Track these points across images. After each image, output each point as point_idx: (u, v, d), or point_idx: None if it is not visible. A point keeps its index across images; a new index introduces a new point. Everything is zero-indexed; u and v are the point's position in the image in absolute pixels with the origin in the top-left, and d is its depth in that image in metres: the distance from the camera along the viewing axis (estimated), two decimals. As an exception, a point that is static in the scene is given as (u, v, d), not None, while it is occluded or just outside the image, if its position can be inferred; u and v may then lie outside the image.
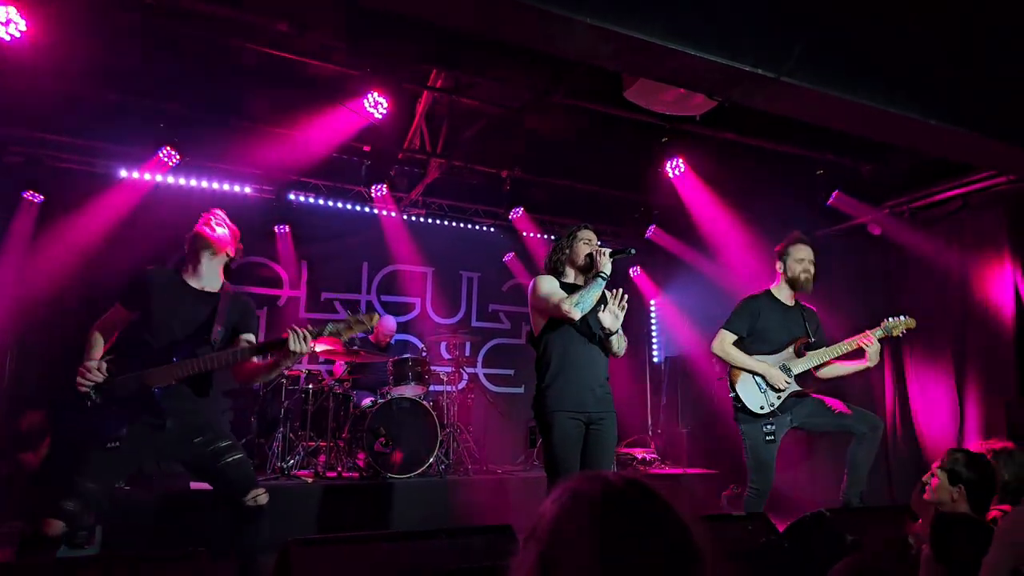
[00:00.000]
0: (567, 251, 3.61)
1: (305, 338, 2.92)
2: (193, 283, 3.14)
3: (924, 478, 2.74)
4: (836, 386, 4.34)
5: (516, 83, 5.24)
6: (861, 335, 3.98)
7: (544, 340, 3.50)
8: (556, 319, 3.41)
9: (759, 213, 6.70)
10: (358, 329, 3.04)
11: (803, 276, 4.05)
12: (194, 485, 5.16)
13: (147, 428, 2.90)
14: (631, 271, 9.20)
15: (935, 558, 2.02)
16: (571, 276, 3.59)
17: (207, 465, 3.03)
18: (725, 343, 4.05)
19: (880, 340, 3.99)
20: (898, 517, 3.12)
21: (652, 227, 8.19)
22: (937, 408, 5.79)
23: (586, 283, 3.44)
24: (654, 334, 9.25)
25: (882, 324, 4.03)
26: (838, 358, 4.05)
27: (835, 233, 6.69)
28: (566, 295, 3.38)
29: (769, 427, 3.93)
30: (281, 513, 5.12)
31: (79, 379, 2.85)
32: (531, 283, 3.57)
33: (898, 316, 4.04)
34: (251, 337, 3.18)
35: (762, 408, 3.94)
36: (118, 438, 2.81)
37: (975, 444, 2.93)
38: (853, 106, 3.29)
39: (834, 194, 6.28)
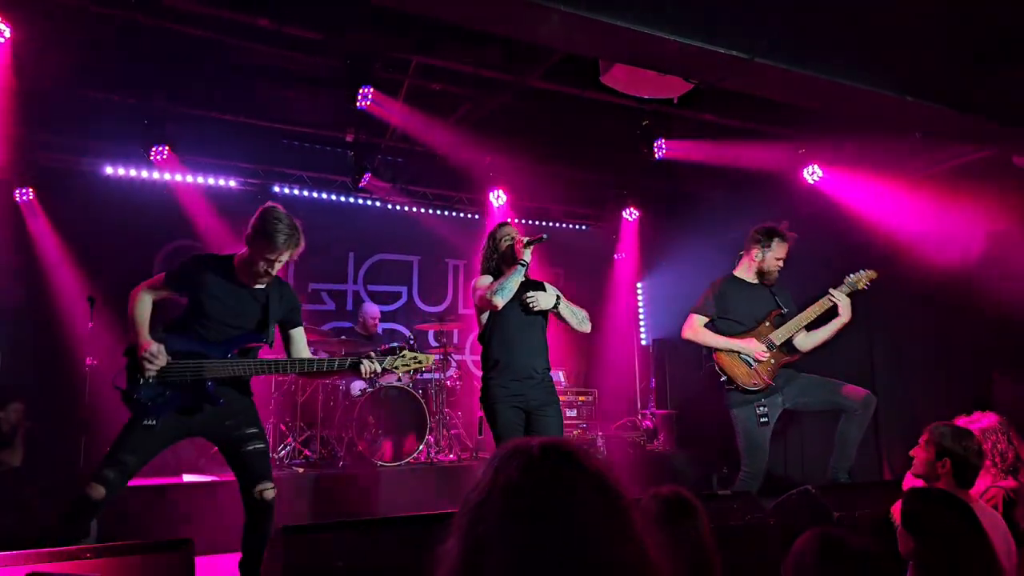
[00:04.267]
0: (495, 251, 3.79)
1: (376, 371, 3.19)
2: (246, 278, 3.18)
3: (911, 453, 2.78)
4: (827, 363, 4.38)
5: (495, 69, 5.23)
6: (825, 295, 4.06)
7: (486, 336, 3.72)
8: (495, 316, 3.63)
9: (741, 194, 6.75)
10: (415, 367, 3.30)
11: (776, 271, 4.16)
12: (187, 478, 5.19)
13: (185, 411, 3.04)
14: (616, 256, 9.24)
15: (906, 530, 2.06)
16: (505, 272, 3.74)
17: (232, 447, 3.15)
18: (696, 326, 4.12)
19: (852, 295, 4.08)
20: (885, 493, 3.17)
21: (636, 210, 8.22)
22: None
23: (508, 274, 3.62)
24: (641, 317, 9.31)
25: (845, 280, 4.10)
26: (814, 325, 4.10)
27: (818, 212, 6.74)
28: (489, 287, 3.59)
29: (762, 409, 3.95)
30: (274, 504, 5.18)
31: (147, 363, 2.92)
32: (471, 284, 3.81)
33: (859, 271, 4.11)
34: (300, 331, 3.37)
35: (756, 384, 3.97)
36: (158, 418, 2.96)
37: (962, 419, 2.96)
38: (828, 85, 3.33)
39: (816, 170, 6.31)
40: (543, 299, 3.61)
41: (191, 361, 3.00)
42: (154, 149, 6.07)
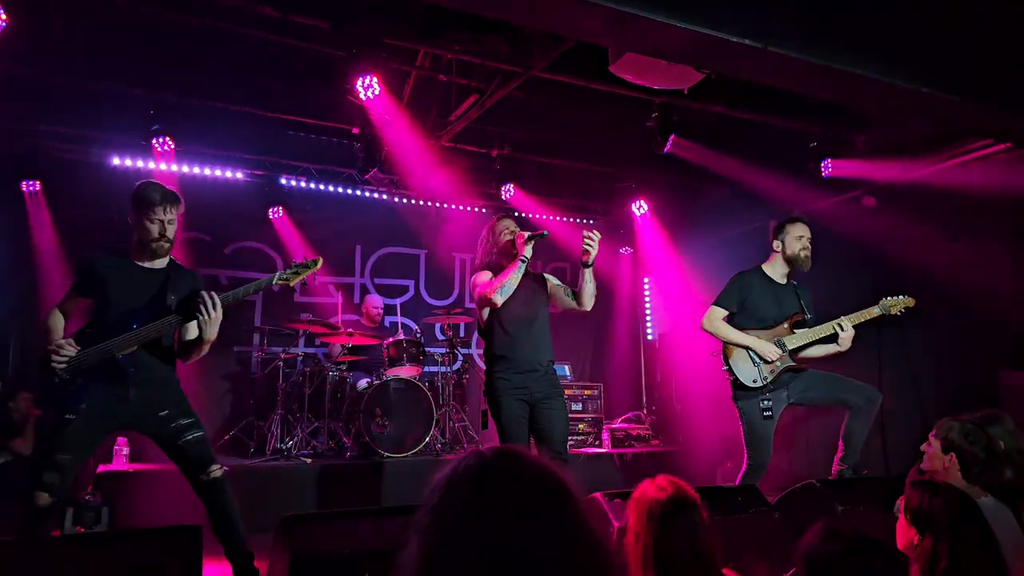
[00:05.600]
0: (494, 246, 3.77)
1: (213, 304, 3.03)
2: (141, 263, 3.23)
3: (922, 447, 2.77)
4: (835, 359, 4.35)
5: (502, 60, 5.20)
6: (836, 321, 4.00)
7: (488, 329, 3.69)
8: (497, 310, 3.60)
9: (752, 187, 6.70)
10: (304, 273, 3.23)
11: (803, 254, 4.07)
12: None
13: (112, 399, 3.03)
14: (621, 250, 9.22)
15: (909, 522, 2.04)
16: (505, 266, 3.70)
17: (168, 441, 3.14)
18: (715, 319, 4.07)
19: (877, 318, 4.04)
20: (889, 489, 3.15)
21: (645, 204, 8.18)
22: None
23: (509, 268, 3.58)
24: (648, 311, 9.28)
25: (880, 302, 4.06)
26: (819, 340, 4.07)
27: (829, 207, 6.70)
28: (490, 284, 3.56)
29: (766, 403, 3.94)
30: (281, 494, 5.21)
31: (53, 357, 2.97)
32: (471, 280, 3.80)
33: (897, 295, 4.07)
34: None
35: (755, 382, 3.96)
36: (75, 411, 2.95)
37: (967, 415, 2.95)
38: (842, 75, 3.28)
39: (828, 163, 6.25)
40: (596, 246, 3.57)
41: (98, 345, 3.02)
42: (160, 140, 6.06)
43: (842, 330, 3.95)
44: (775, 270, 4.16)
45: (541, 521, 0.89)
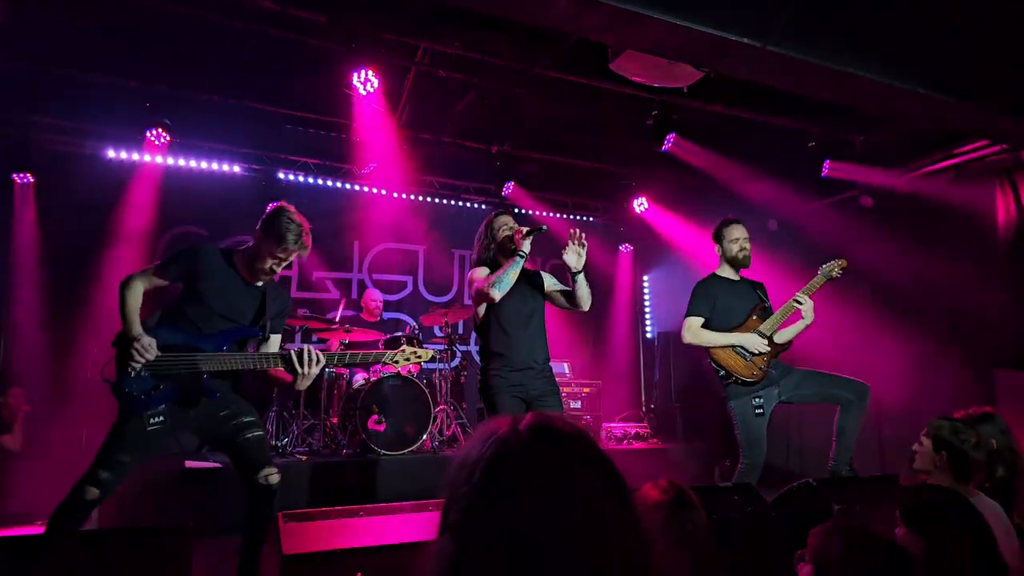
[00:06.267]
0: (492, 242, 3.74)
1: (317, 362, 2.98)
2: (245, 273, 3.13)
3: (913, 447, 2.77)
4: (829, 356, 4.36)
5: (503, 57, 5.18)
6: (797, 294, 4.09)
7: (485, 326, 3.68)
8: (494, 307, 3.58)
9: (751, 185, 6.70)
10: (414, 360, 3.21)
11: (740, 254, 4.20)
12: (189, 464, 5.20)
13: (184, 406, 2.97)
14: (621, 247, 9.20)
15: (905, 526, 2.04)
16: (502, 263, 3.69)
17: (227, 439, 3.08)
18: (694, 328, 4.12)
19: (823, 284, 4.13)
20: (884, 487, 3.15)
21: (645, 201, 8.17)
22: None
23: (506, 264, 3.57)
24: (647, 310, 9.28)
25: (820, 270, 4.17)
26: (786, 321, 4.13)
27: (827, 206, 6.70)
28: (487, 280, 3.54)
29: (758, 400, 3.98)
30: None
31: (135, 355, 2.83)
32: (467, 276, 3.76)
33: (831, 260, 4.17)
34: (277, 339, 3.23)
35: (754, 375, 3.98)
36: (161, 414, 2.88)
37: (958, 413, 2.95)
38: (840, 75, 3.28)
39: (827, 164, 6.24)
40: (575, 260, 3.53)
41: (184, 354, 2.92)
42: (156, 133, 6.04)
43: (801, 304, 4.05)
44: (726, 271, 4.29)
45: (561, 503, 0.83)
